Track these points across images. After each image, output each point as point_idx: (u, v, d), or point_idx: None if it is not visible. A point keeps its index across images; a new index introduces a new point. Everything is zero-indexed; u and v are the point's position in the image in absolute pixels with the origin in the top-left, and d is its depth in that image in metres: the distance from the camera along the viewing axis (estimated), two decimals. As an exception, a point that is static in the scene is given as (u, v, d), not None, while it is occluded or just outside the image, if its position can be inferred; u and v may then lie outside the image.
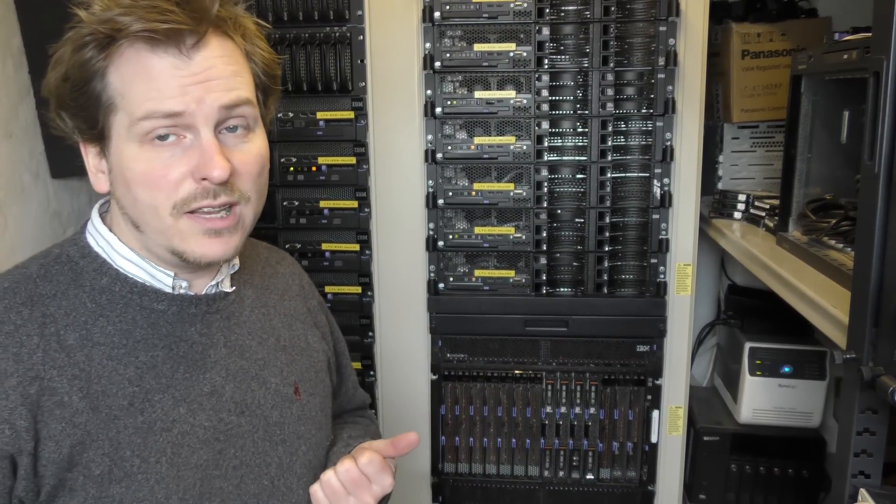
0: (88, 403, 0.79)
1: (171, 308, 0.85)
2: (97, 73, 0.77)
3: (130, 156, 0.78)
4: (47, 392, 0.77)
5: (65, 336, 0.80)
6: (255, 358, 0.92)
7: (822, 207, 1.29)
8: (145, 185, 0.78)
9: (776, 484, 1.62)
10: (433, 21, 1.44)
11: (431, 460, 1.61)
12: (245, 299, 0.95)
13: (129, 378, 0.81)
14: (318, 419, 0.99)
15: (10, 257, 1.28)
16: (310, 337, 1.03)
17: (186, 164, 0.78)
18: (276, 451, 0.91)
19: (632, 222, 1.49)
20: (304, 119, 1.50)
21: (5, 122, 1.29)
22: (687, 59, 1.41)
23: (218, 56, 0.79)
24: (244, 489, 0.88)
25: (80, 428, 0.78)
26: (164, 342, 0.84)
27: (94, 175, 0.84)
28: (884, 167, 0.77)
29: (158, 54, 0.76)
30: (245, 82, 0.82)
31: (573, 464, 1.58)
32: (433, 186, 1.50)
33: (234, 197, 0.81)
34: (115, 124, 0.78)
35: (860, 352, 0.80)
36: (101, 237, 0.86)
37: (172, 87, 0.76)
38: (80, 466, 0.78)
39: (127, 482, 0.79)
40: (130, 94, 0.77)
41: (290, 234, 1.55)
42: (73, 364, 0.79)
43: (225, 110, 0.79)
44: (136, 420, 0.81)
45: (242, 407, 0.89)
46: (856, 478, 0.88)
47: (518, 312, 1.53)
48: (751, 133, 1.73)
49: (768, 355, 1.59)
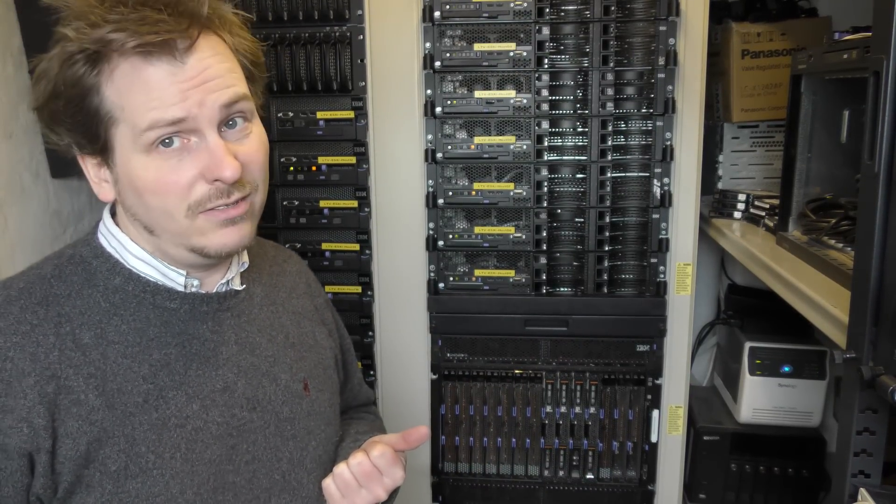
0: (104, 401, 0.80)
1: (184, 306, 0.87)
2: (91, 89, 0.77)
3: (139, 165, 0.79)
4: (64, 390, 0.78)
5: (80, 335, 0.81)
6: (265, 355, 0.94)
7: (822, 207, 1.29)
8: (157, 192, 0.79)
9: (776, 483, 1.62)
10: (433, 21, 1.44)
11: (431, 460, 1.61)
12: (254, 297, 0.96)
13: (143, 375, 0.83)
14: (327, 415, 1.00)
15: (10, 257, 1.28)
16: (317, 334, 1.04)
17: (195, 166, 0.79)
18: (287, 446, 0.93)
19: (632, 222, 1.49)
20: (304, 119, 1.50)
21: (5, 122, 1.29)
22: (687, 58, 1.41)
23: (210, 56, 0.80)
24: (256, 484, 0.89)
25: (96, 425, 0.79)
26: (177, 340, 0.86)
27: (96, 185, 0.85)
28: (884, 167, 0.77)
29: (153, 63, 0.77)
30: (238, 77, 0.83)
31: (573, 463, 1.58)
32: (433, 186, 1.50)
33: (245, 191, 0.83)
34: (118, 136, 0.79)
35: (860, 351, 0.80)
36: (112, 238, 0.87)
37: (172, 94, 0.77)
38: (97, 463, 0.79)
39: (142, 478, 0.80)
40: (131, 105, 0.77)
41: (290, 234, 1.56)
42: (89, 362, 0.80)
43: (225, 109, 0.80)
44: (151, 417, 0.82)
45: (254, 403, 0.90)
46: (856, 477, 0.88)
47: (518, 312, 1.53)
48: (751, 133, 1.73)
49: (768, 355, 1.59)
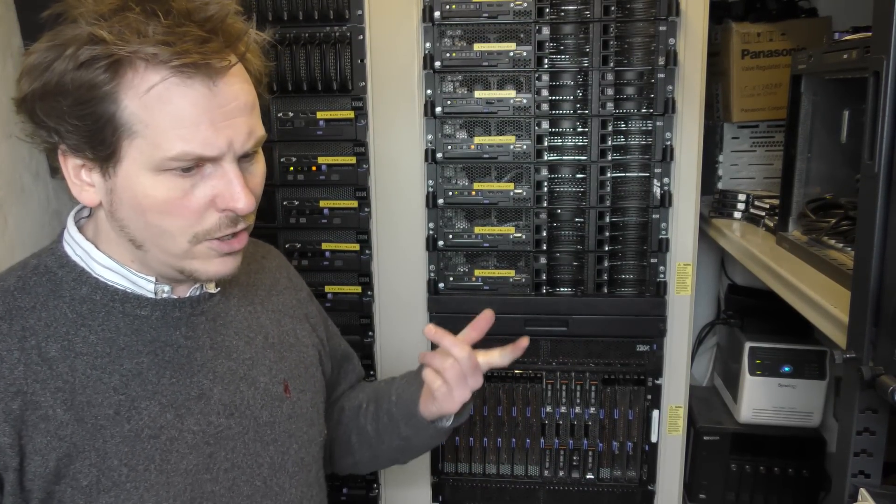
0: (73, 415, 0.78)
1: (155, 313, 0.85)
2: (108, 96, 0.74)
3: (147, 183, 0.76)
4: (31, 406, 0.76)
5: (46, 348, 0.79)
6: (242, 358, 0.92)
7: (822, 207, 1.29)
8: (164, 213, 0.77)
9: (776, 483, 1.62)
10: (433, 21, 1.44)
11: (431, 460, 1.60)
12: (231, 298, 0.94)
13: (113, 387, 0.80)
14: (308, 416, 0.98)
15: (10, 257, 1.28)
16: (299, 331, 1.03)
17: (208, 192, 0.78)
18: (268, 450, 0.91)
19: (632, 222, 1.49)
20: (303, 119, 1.50)
21: (5, 122, 1.29)
22: (687, 58, 1.41)
23: (239, 84, 0.79)
24: (236, 491, 0.87)
25: (65, 440, 0.77)
26: (149, 348, 0.84)
27: (77, 187, 0.81)
28: (884, 167, 0.77)
29: (187, 84, 0.74)
30: (258, 112, 0.82)
31: (573, 463, 1.58)
32: (433, 186, 1.50)
33: (250, 221, 0.83)
34: (131, 149, 0.76)
35: (860, 351, 0.80)
36: (77, 246, 0.84)
37: (205, 128, 0.75)
38: (68, 479, 0.77)
39: (115, 491, 0.78)
40: (157, 125, 0.74)
41: (289, 234, 1.55)
42: (56, 376, 0.78)
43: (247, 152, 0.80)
44: (123, 429, 0.80)
45: (231, 409, 0.88)
46: (856, 477, 0.88)
47: (518, 312, 1.53)
48: (751, 133, 1.73)
49: (768, 355, 1.59)
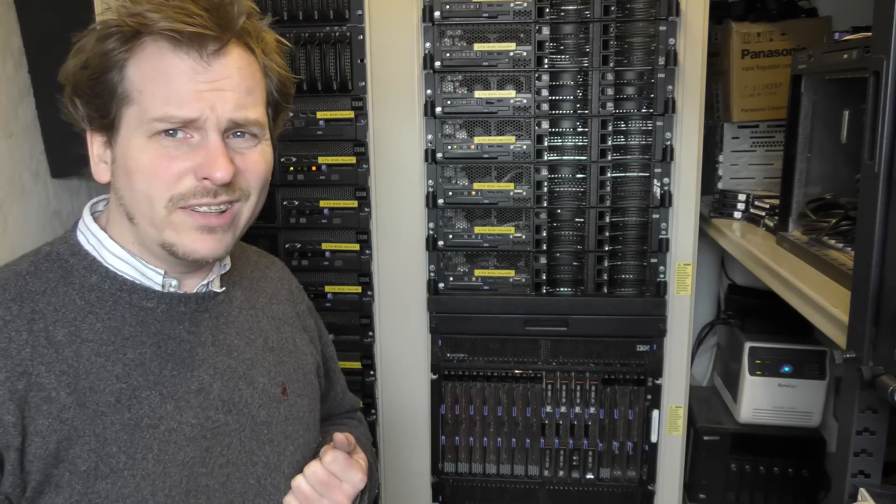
0: (75, 399, 0.79)
1: (161, 306, 0.86)
2: (117, 65, 0.79)
3: (137, 147, 0.80)
4: (35, 387, 0.78)
5: (53, 332, 0.80)
6: (242, 357, 0.93)
7: (823, 207, 1.29)
8: (146, 175, 0.80)
9: (776, 483, 1.62)
10: (433, 21, 1.44)
11: (431, 460, 1.61)
12: (234, 300, 0.96)
13: (116, 374, 0.82)
14: (306, 420, 0.99)
15: (10, 256, 1.26)
16: (298, 340, 1.04)
17: (190, 160, 0.80)
18: (264, 450, 0.91)
19: (632, 222, 1.49)
20: (304, 118, 1.50)
21: (5, 122, 1.29)
22: (687, 58, 1.41)
23: (236, 67, 0.81)
24: (230, 487, 0.88)
25: (66, 423, 0.78)
26: (153, 339, 0.85)
27: (96, 165, 0.85)
28: (884, 167, 0.77)
29: (179, 55, 0.78)
30: (257, 100, 0.85)
31: (573, 463, 1.58)
32: (433, 186, 1.50)
33: (234, 195, 0.83)
34: (127, 116, 0.80)
35: (860, 351, 0.80)
36: (91, 235, 0.87)
37: (189, 92, 0.78)
38: (67, 462, 0.78)
39: (113, 478, 0.79)
40: (147, 92, 0.79)
41: (289, 234, 1.55)
42: (62, 360, 0.80)
43: (234, 122, 0.81)
44: (123, 416, 0.81)
45: (230, 405, 0.89)
46: (856, 477, 0.88)
47: (518, 312, 1.53)
48: (751, 133, 1.73)
49: (768, 355, 1.59)
